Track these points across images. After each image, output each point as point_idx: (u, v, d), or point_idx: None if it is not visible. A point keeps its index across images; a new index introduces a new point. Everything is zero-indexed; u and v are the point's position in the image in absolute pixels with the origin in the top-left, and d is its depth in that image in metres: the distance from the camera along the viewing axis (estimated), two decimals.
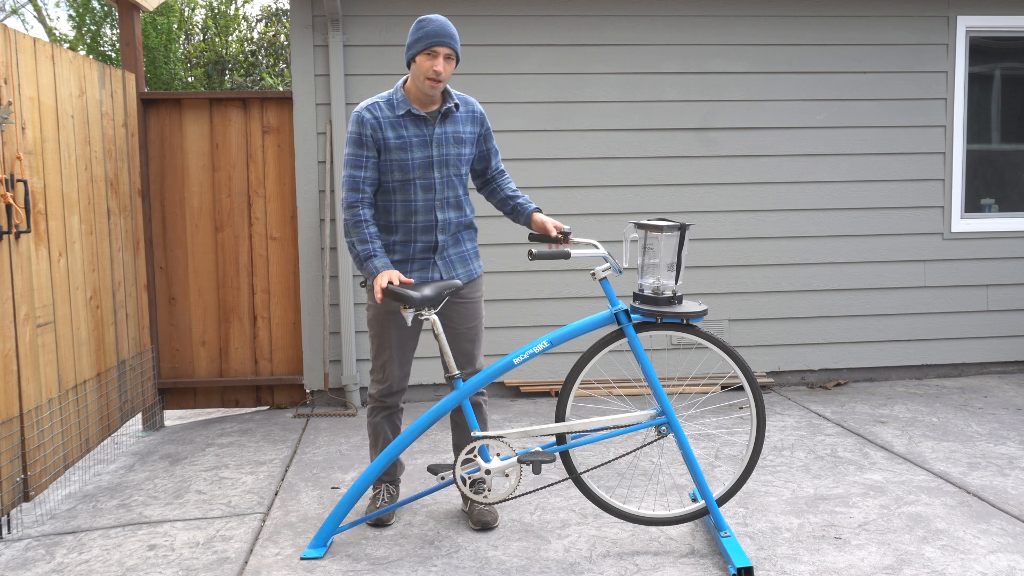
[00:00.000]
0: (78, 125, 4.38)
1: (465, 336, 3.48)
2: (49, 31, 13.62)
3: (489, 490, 3.20)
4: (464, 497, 3.47)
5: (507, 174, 3.61)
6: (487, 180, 3.60)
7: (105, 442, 4.81)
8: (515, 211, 3.52)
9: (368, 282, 3.30)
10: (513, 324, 5.54)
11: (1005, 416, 4.97)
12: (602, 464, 3.19)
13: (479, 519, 3.48)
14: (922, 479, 3.97)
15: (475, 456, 3.22)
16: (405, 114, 3.31)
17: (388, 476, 3.66)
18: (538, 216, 3.45)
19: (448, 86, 3.42)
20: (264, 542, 3.42)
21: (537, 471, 3.15)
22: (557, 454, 3.20)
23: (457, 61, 3.30)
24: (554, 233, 3.37)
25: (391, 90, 3.38)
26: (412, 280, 3.22)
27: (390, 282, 3.18)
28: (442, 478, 3.36)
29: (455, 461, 3.23)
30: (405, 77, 3.39)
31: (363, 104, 3.34)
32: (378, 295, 3.15)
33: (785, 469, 4.15)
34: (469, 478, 3.22)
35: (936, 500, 3.72)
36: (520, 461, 3.16)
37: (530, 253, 3.05)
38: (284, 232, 5.48)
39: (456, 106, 3.38)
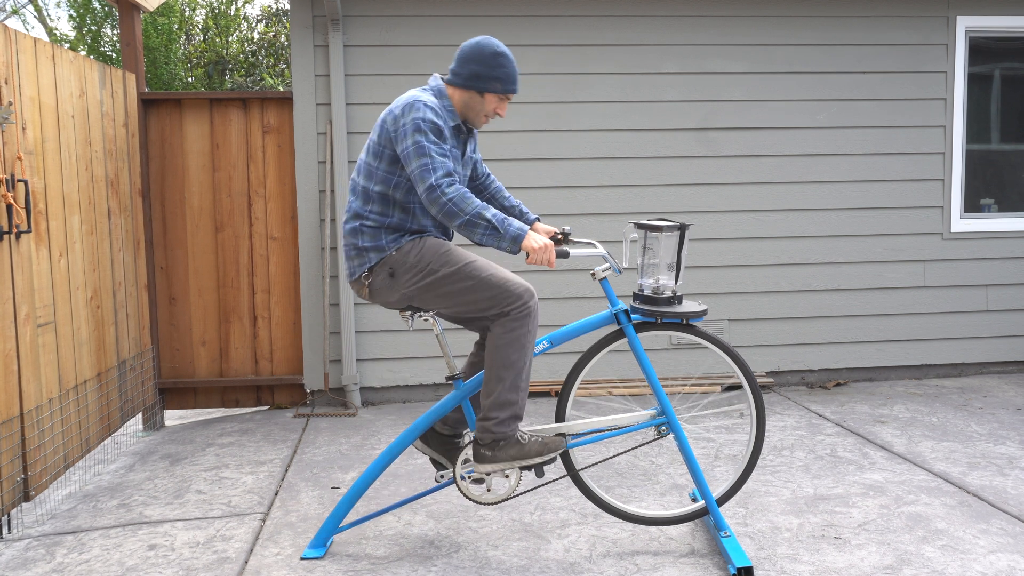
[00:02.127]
0: (78, 125, 4.38)
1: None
2: (50, 31, 13.63)
3: (488, 490, 3.21)
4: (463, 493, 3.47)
5: (492, 176, 3.51)
6: (478, 187, 3.48)
7: (105, 442, 4.81)
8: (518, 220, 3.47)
9: (512, 247, 2.96)
10: None
11: (1005, 416, 4.97)
12: (601, 461, 3.20)
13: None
14: (922, 479, 3.97)
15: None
16: (456, 126, 3.15)
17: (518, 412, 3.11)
18: (540, 226, 3.44)
19: None
20: (264, 542, 3.43)
21: (540, 474, 3.15)
22: (557, 454, 3.20)
23: None
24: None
25: (432, 93, 3.12)
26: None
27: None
28: (442, 477, 3.36)
29: (455, 462, 3.23)
30: (441, 82, 3.16)
31: (426, 100, 3.04)
32: (551, 259, 2.96)
33: (785, 469, 4.15)
34: (469, 477, 3.22)
35: (936, 500, 3.72)
36: (523, 468, 3.14)
37: (527, 254, 3.04)
38: (284, 232, 5.48)
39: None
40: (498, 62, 3.08)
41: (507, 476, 3.18)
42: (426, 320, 3.24)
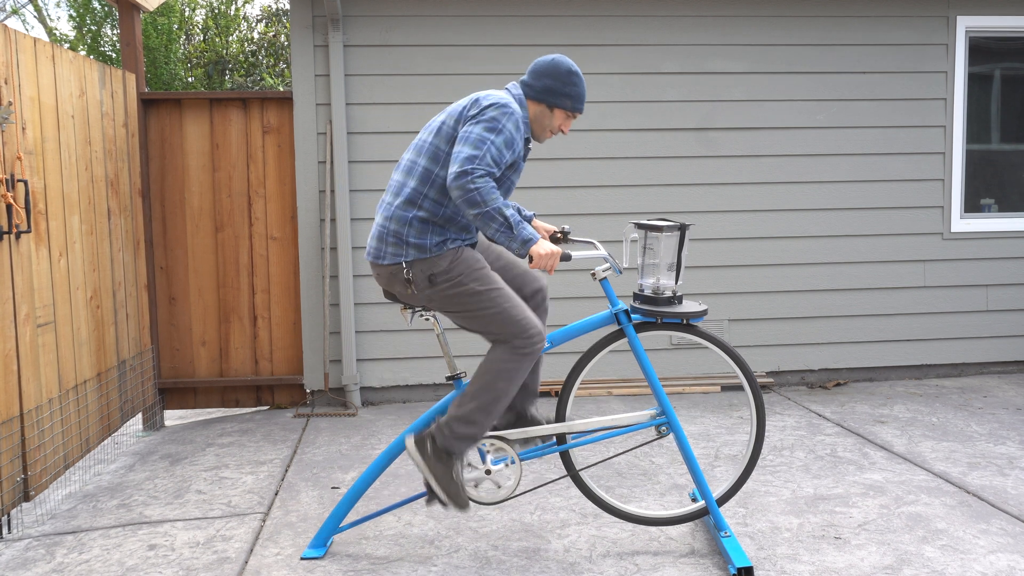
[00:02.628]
0: (78, 125, 4.38)
1: (516, 267, 3.36)
2: (50, 31, 13.63)
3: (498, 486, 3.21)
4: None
5: None
6: None
7: (105, 442, 4.81)
8: None
9: (521, 249, 2.94)
10: None
11: (1005, 416, 4.97)
12: (601, 461, 3.20)
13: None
14: (922, 479, 3.97)
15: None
16: (526, 140, 3.20)
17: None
18: (538, 224, 3.44)
19: None
20: (264, 542, 3.43)
21: (429, 501, 3.17)
22: (455, 510, 3.17)
23: None
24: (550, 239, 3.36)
25: (517, 101, 3.14)
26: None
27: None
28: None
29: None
30: (521, 91, 3.17)
31: (515, 110, 3.05)
32: (554, 264, 2.96)
33: (785, 469, 4.15)
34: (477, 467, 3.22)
35: (936, 500, 3.72)
36: (427, 487, 3.12)
37: (531, 258, 3.03)
38: (284, 232, 5.48)
39: None
40: (571, 80, 3.12)
41: (507, 476, 3.18)
42: (427, 319, 3.24)
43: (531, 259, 2.93)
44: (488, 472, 3.19)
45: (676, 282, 3.23)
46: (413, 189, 3.07)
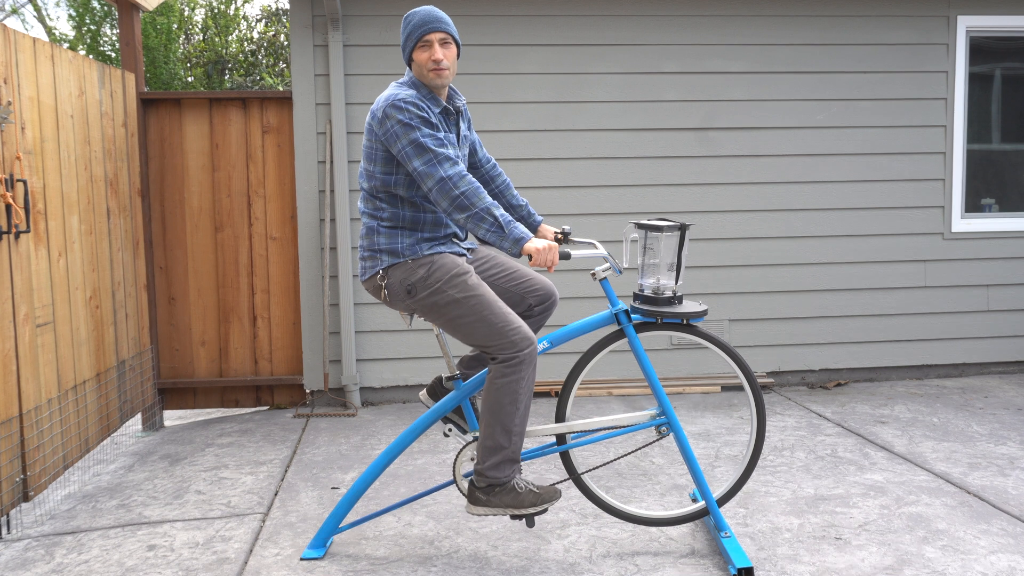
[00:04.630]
0: (78, 125, 4.38)
1: (521, 275, 3.31)
2: (49, 31, 13.63)
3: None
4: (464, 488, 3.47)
5: (499, 168, 3.43)
6: (483, 178, 3.39)
7: (105, 442, 4.81)
8: (521, 221, 3.39)
9: (513, 248, 2.90)
10: None
11: (1006, 416, 4.96)
12: (603, 465, 3.19)
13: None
14: (922, 479, 3.97)
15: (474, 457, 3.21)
16: (443, 110, 3.09)
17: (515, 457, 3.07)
18: (545, 228, 3.40)
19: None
20: (264, 542, 3.42)
21: (531, 524, 3.09)
22: (550, 506, 3.15)
23: (457, 47, 3.09)
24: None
25: (409, 85, 3.05)
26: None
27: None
28: (450, 430, 3.30)
29: (455, 458, 3.23)
30: (410, 77, 3.10)
31: (405, 96, 2.96)
32: (553, 260, 2.90)
33: (785, 469, 4.14)
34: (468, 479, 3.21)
35: (936, 500, 3.71)
36: (514, 517, 3.09)
37: (529, 256, 3.03)
38: (284, 232, 5.47)
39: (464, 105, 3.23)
40: (406, 22, 3.06)
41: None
42: (426, 319, 3.24)
43: (530, 257, 2.92)
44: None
45: (676, 282, 3.22)
46: (369, 209, 3.11)
